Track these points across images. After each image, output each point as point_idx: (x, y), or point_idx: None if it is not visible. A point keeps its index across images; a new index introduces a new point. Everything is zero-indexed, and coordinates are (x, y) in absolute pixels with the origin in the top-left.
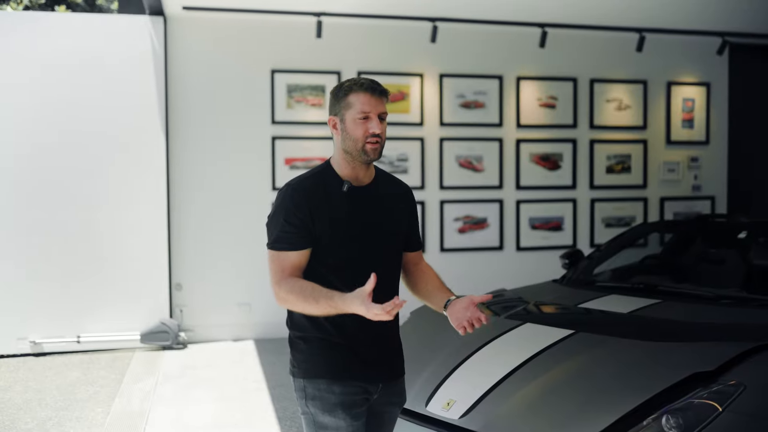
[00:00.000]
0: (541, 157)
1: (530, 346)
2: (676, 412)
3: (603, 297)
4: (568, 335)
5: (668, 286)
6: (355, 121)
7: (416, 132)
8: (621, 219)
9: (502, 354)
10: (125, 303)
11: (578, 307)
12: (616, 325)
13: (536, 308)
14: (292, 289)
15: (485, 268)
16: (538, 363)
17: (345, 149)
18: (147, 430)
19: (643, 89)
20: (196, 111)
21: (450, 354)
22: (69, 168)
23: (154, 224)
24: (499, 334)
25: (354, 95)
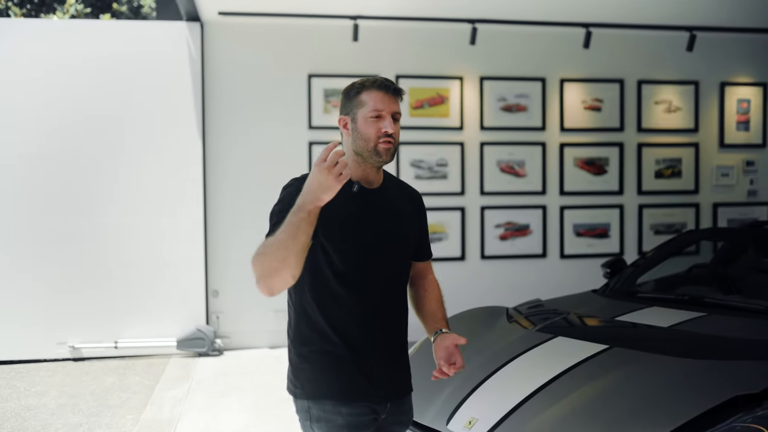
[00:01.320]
0: (586, 161)
1: (560, 362)
2: None
3: (643, 309)
4: (601, 350)
5: (714, 298)
6: (367, 120)
7: (456, 136)
8: (671, 226)
9: (529, 370)
10: (162, 309)
11: (615, 320)
12: (653, 341)
13: (570, 321)
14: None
15: (527, 276)
16: (567, 380)
17: (356, 150)
18: None
19: (695, 90)
20: (233, 117)
21: (475, 369)
22: (107, 175)
23: (191, 230)
24: (529, 348)
25: (366, 93)
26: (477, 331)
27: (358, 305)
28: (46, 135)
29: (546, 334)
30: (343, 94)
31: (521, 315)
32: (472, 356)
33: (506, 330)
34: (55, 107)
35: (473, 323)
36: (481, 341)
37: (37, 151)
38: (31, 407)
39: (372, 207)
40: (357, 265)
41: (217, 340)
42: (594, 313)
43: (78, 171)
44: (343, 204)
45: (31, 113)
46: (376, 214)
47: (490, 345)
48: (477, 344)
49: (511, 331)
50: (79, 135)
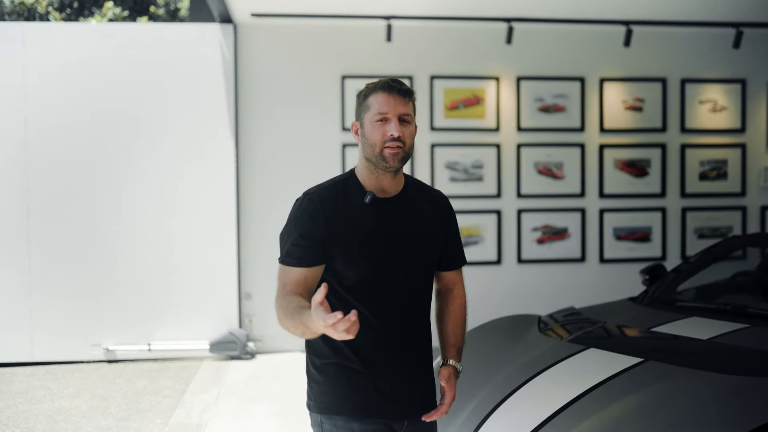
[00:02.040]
0: (627, 163)
1: (592, 376)
2: None
3: (682, 319)
4: (635, 364)
5: (759, 308)
6: (373, 123)
7: (492, 138)
8: (716, 230)
9: (560, 383)
10: (195, 312)
11: (651, 331)
12: (691, 354)
13: (604, 331)
14: (281, 306)
15: (565, 280)
16: (598, 396)
17: (366, 156)
18: None
19: (741, 89)
20: (266, 119)
21: (503, 380)
22: (142, 177)
23: (224, 232)
24: (559, 360)
25: (373, 96)
26: (506, 341)
27: (375, 321)
28: (82, 137)
29: (578, 345)
30: (356, 98)
31: (554, 324)
32: (500, 368)
33: (537, 340)
34: (91, 110)
35: (502, 333)
36: (510, 352)
37: (72, 156)
38: (63, 409)
39: (387, 217)
40: (372, 280)
41: (250, 343)
42: (629, 323)
43: (113, 174)
44: (355, 215)
45: (66, 117)
46: (392, 225)
47: (519, 356)
48: (506, 355)
49: (541, 342)
50: (115, 138)
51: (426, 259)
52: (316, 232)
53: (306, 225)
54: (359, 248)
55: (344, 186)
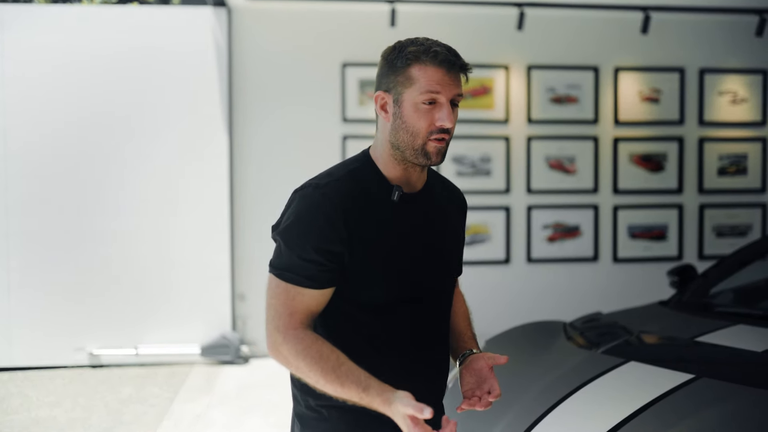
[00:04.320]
0: (642, 157)
1: (639, 395)
2: None
3: (727, 328)
4: (687, 381)
5: None
6: (418, 106)
7: (501, 130)
8: (735, 227)
9: (601, 402)
10: (186, 314)
11: (696, 341)
12: (749, 369)
13: (641, 340)
14: (306, 353)
15: (577, 281)
16: (649, 419)
17: (395, 143)
18: None
19: (763, 80)
20: (261, 109)
21: (535, 399)
22: (127, 173)
23: (217, 231)
24: (597, 375)
25: (420, 68)
26: (531, 352)
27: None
28: (64, 129)
29: (615, 357)
30: (384, 60)
31: (582, 332)
32: (529, 384)
33: (567, 351)
34: (74, 99)
35: (526, 342)
36: (538, 365)
37: (53, 148)
38: (40, 420)
39: (414, 218)
40: (402, 296)
41: (243, 347)
42: (668, 331)
43: (96, 169)
44: (382, 220)
45: (47, 106)
46: (420, 228)
47: (549, 370)
48: (533, 369)
49: (572, 353)
50: (99, 129)
51: (454, 269)
52: (335, 243)
53: (321, 233)
54: (387, 259)
55: (361, 177)
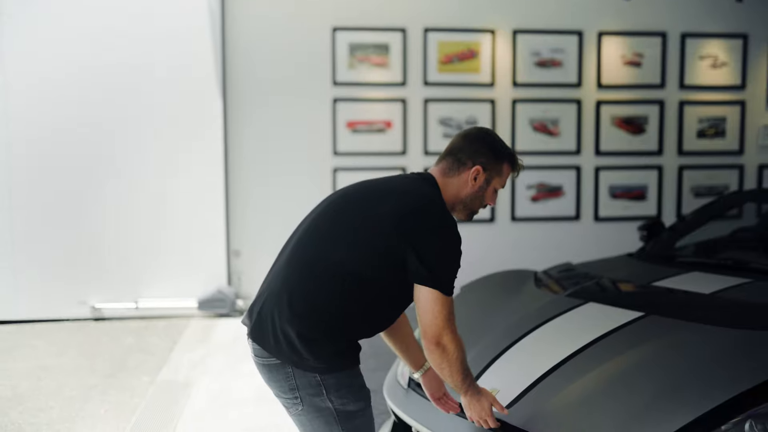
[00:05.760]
0: (624, 120)
1: (591, 330)
2: (762, 417)
3: (682, 274)
4: (636, 318)
5: (761, 263)
6: (494, 189)
7: (487, 93)
8: (713, 188)
9: (557, 337)
10: (183, 269)
11: (652, 286)
12: (694, 308)
13: (603, 286)
14: (464, 350)
15: (560, 239)
16: (600, 350)
17: (465, 201)
18: (189, 401)
19: (743, 44)
20: (254, 73)
21: (502, 333)
22: (126, 135)
23: (212, 189)
24: (557, 313)
25: (507, 166)
26: (502, 296)
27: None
28: (66, 95)
29: (576, 299)
30: (490, 145)
31: (551, 279)
32: (497, 322)
33: (534, 295)
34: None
35: (499, 287)
36: (507, 306)
37: (56, 112)
38: (47, 367)
39: None
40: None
41: (239, 300)
42: (629, 277)
43: (98, 131)
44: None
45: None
46: None
47: (516, 310)
48: (502, 309)
49: (539, 296)
50: (98, 95)
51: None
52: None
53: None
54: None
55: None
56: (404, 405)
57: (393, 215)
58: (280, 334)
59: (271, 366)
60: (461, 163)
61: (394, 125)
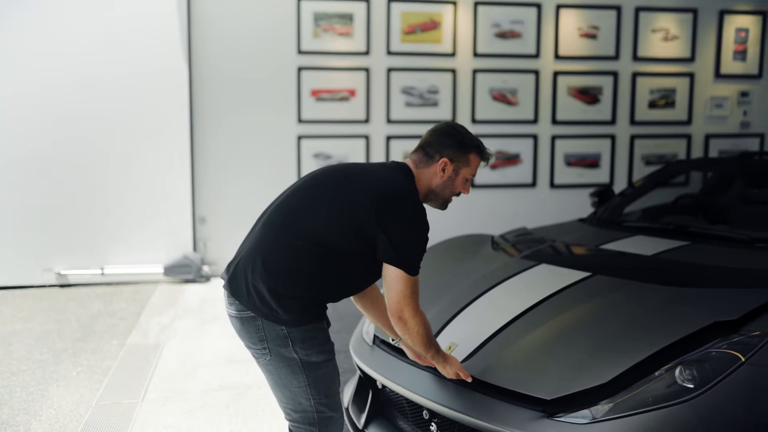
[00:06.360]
0: (580, 90)
1: (542, 289)
2: (691, 363)
3: (628, 238)
4: (583, 278)
5: (700, 228)
6: (464, 179)
7: (448, 63)
8: (662, 157)
9: (511, 296)
10: (149, 236)
11: (599, 248)
12: (636, 268)
13: (555, 248)
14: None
15: (517, 205)
16: (549, 307)
17: (436, 190)
18: (159, 363)
19: (693, 18)
20: (219, 40)
21: (459, 294)
22: (92, 100)
23: (178, 155)
24: (512, 274)
25: (475, 156)
26: (461, 258)
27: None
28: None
29: (530, 261)
30: (456, 138)
31: (507, 242)
32: (456, 282)
33: (490, 257)
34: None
35: (458, 250)
36: (465, 268)
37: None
38: (16, 332)
39: None
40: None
41: (205, 266)
42: (579, 241)
43: (65, 100)
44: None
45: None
46: None
47: (473, 271)
48: (461, 271)
49: (495, 258)
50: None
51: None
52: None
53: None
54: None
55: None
56: (369, 361)
57: (369, 198)
58: (252, 289)
59: (244, 318)
60: (430, 157)
61: (357, 94)
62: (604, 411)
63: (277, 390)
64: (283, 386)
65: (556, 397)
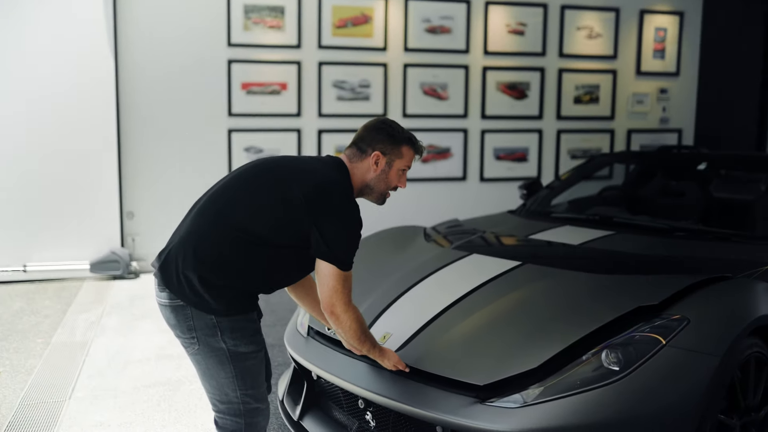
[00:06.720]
0: (508, 85)
1: (474, 278)
2: (616, 347)
3: (556, 228)
4: (514, 267)
5: (623, 218)
6: (398, 171)
7: (379, 57)
8: (587, 151)
9: (444, 286)
10: (74, 231)
11: (529, 238)
12: (564, 257)
13: (485, 239)
14: (360, 320)
15: (448, 198)
16: (481, 295)
17: (370, 184)
18: (86, 361)
19: (615, 17)
20: (148, 33)
21: (392, 285)
22: (13, 91)
23: (104, 148)
24: (444, 265)
25: (407, 149)
26: (394, 250)
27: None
28: None
29: (462, 251)
30: (387, 132)
31: (438, 234)
32: (389, 273)
33: (423, 248)
34: None
35: (390, 242)
36: (398, 259)
37: None
38: None
39: None
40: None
41: (133, 262)
42: (510, 231)
43: None
44: None
45: None
46: None
47: (406, 263)
48: (394, 262)
49: (427, 249)
50: None
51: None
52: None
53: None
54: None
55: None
56: (304, 352)
57: (302, 192)
58: (182, 277)
59: (173, 307)
60: (362, 151)
61: (289, 87)
62: (534, 395)
63: (204, 380)
64: (210, 377)
65: (489, 383)
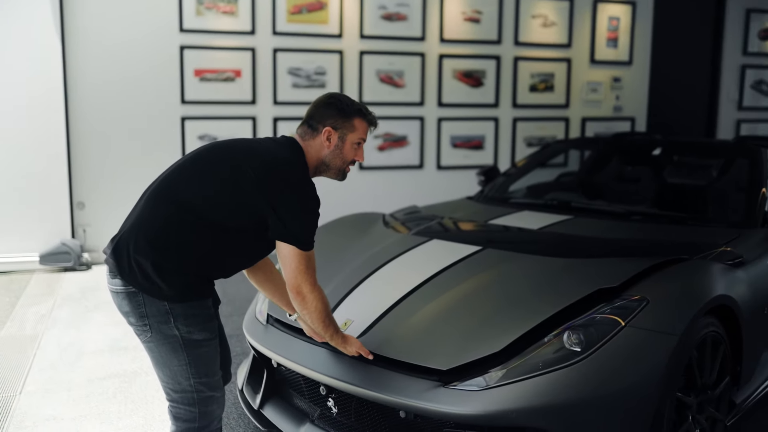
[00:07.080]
0: (464, 73)
1: (434, 264)
2: (577, 328)
3: (515, 213)
4: (474, 252)
5: (580, 203)
6: (353, 145)
7: (335, 44)
8: (542, 139)
9: (405, 271)
10: (22, 222)
11: (488, 224)
12: (524, 242)
13: (445, 225)
14: (325, 301)
15: (405, 186)
16: (442, 280)
17: (326, 161)
18: (38, 354)
19: (570, 6)
20: (96, 15)
21: (352, 271)
22: None
23: (52, 136)
24: (404, 251)
25: (359, 121)
26: (353, 236)
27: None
28: None
29: (421, 237)
30: (336, 106)
31: (397, 221)
32: (349, 260)
33: (382, 234)
34: None
35: (349, 228)
36: (357, 246)
37: None
38: None
39: None
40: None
41: (85, 254)
42: (469, 217)
43: None
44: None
45: None
46: None
47: (365, 249)
48: (353, 249)
49: (387, 236)
50: None
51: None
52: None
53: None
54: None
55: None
56: (263, 340)
57: (256, 173)
58: (134, 263)
59: (126, 294)
60: (314, 129)
61: (243, 74)
62: (497, 377)
63: (158, 369)
64: (164, 365)
65: (452, 367)
